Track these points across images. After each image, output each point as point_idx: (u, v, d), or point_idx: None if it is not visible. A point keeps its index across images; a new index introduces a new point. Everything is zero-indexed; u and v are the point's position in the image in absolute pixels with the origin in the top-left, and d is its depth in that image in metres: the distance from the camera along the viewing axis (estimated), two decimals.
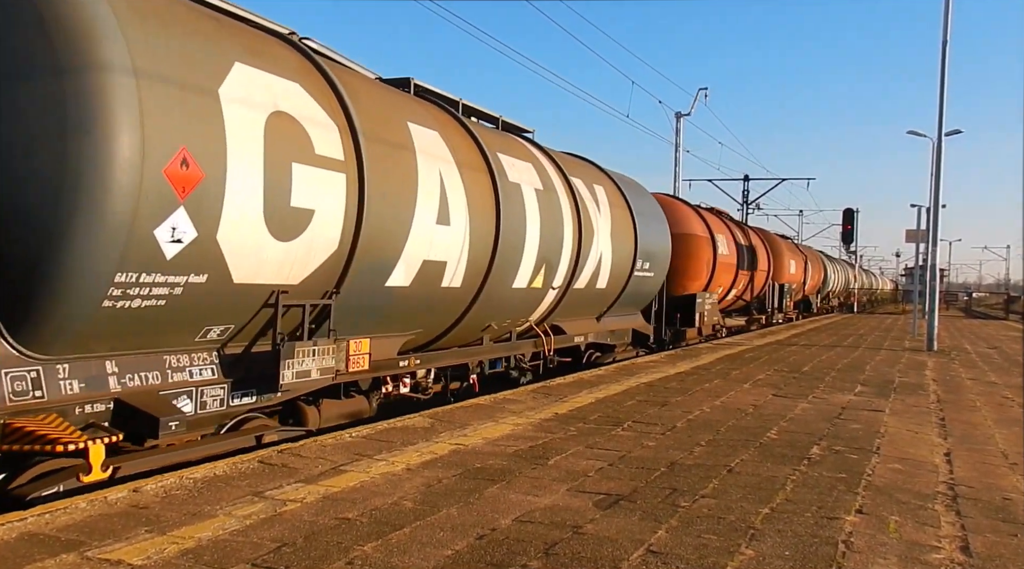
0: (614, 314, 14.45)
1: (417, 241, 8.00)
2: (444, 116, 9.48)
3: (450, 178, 8.65)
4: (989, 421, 9.54)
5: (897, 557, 4.55)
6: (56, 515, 4.65)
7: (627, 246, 13.74)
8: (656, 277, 15.67)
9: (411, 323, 8.68)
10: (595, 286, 12.69)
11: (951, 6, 19.89)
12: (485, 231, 9.24)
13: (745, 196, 45.11)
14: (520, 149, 11.09)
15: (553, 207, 11.02)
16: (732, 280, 22.93)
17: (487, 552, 4.35)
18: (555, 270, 11.13)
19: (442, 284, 8.67)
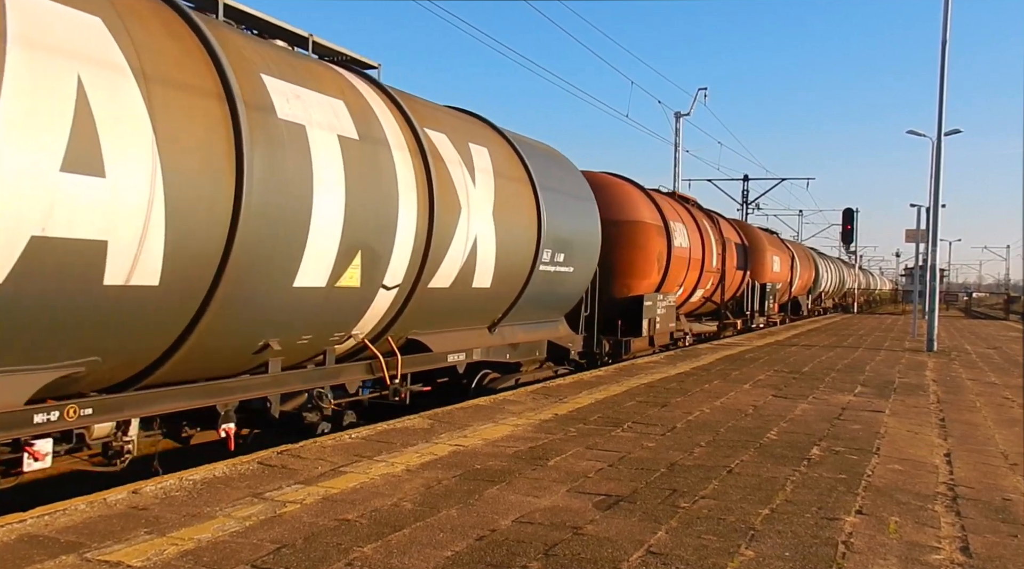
0: (516, 322, 11.08)
1: (19, 201, 4.59)
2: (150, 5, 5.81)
3: (107, 94, 5.05)
4: (989, 421, 9.54)
5: (897, 558, 4.54)
6: (55, 517, 4.64)
7: (525, 231, 10.34)
8: (579, 274, 12.23)
9: (58, 348, 5.19)
10: (471, 285, 9.32)
11: (951, 6, 19.90)
12: (209, 192, 5.72)
13: (745, 196, 45.11)
14: (324, 80, 7.46)
15: (377, 167, 7.49)
16: (697, 278, 19.44)
17: (487, 553, 4.34)
18: (383, 261, 7.68)
19: (106, 280, 5.18)
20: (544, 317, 11.98)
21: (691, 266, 18.62)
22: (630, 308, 15.37)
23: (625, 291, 15.47)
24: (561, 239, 11.33)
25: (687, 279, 18.67)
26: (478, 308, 9.99)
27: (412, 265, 8.19)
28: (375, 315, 8.05)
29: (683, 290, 18.75)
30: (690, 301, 20.13)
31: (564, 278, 11.73)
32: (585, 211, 12.54)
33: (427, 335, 9.12)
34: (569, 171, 12.70)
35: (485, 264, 9.54)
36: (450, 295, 9.09)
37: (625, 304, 15.39)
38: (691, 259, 18.53)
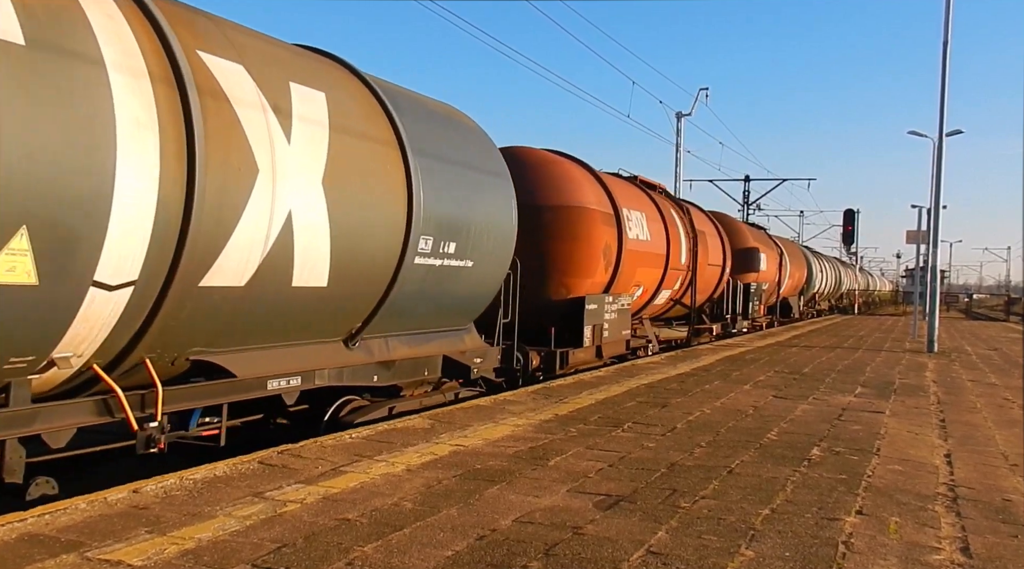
0: (392, 333, 8.39)
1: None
2: None
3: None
4: (989, 422, 9.54)
5: (897, 558, 4.55)
6: (56, 516, 4.65)
7: (386, 211, 7.57)
8: (483, 270, 9.41)
9: None
10: (290, 283, 6.64)
11: (951, 6, 19.90)
12: None
13: (746, 196, 45.13)
14: None
15: (65, 91, 4.89)
16: (661, 277, 16.54)
17: (487, 553, 4.35)
18: (87, 244, 5.06)
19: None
20: (438, 325, 9.20)
21: (652, 263, 15.75)
22: (569, 313, 12.72)
23: (563, 292, 12.74)
24: (451, 224, 8.60)
25: (648, 278, 15.72)
26: (317, 315, 7.18)
27: (158, 252, 5.45)
28: (95, 328, 5.32)
29: (643, 291, 15.83)
30: (654, 304, 17.37)
31: (459, 275, 8.95)
32: (494, 190, 9.64)
33: (225, 354, 6.37)
34: (472, 139, 9.68)
35: (312, 253, 6.78)
36: (250, 297, 6.30)
37: (563, 308, 12.73)
38: (652, 254, 15.70)
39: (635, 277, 15.06)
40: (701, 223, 20.58)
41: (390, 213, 7.69)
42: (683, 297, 19.06)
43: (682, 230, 18.22)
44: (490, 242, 9.47)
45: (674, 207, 18.75)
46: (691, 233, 18.78)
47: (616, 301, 14.04)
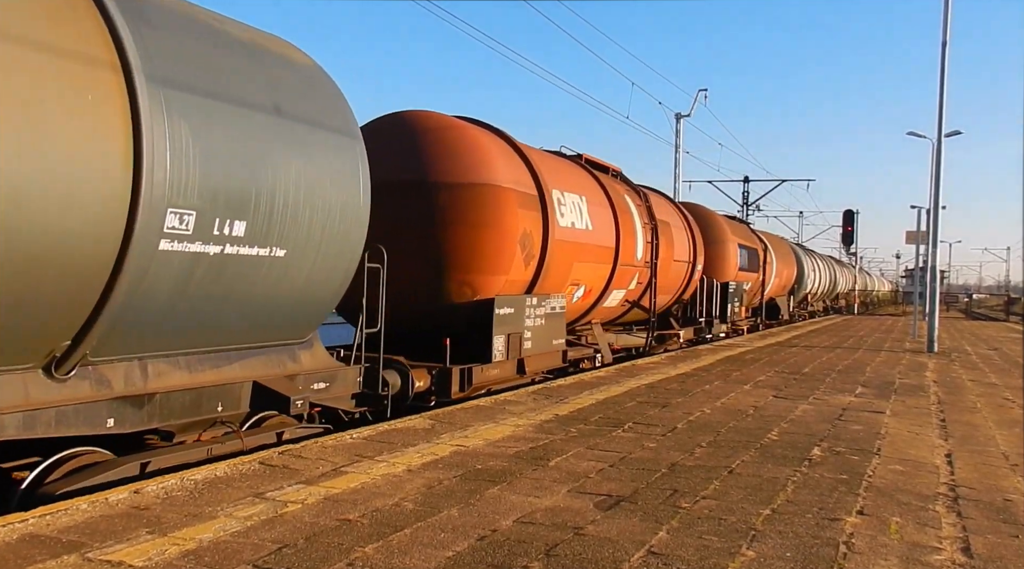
0: (148, 353, 6.01)
1: None
2: None
3: None
4: (990, 422, 9.54)
5: (898, 558, 4.55)
6: (57, 516, 4.65)
7: (81, 166, 4.98)
8: (313, 262, 7.08)
9: None
10: None
11: (951, 6, 19.91)
12: None
13: (745, 197, 45.13)
14: None
15: None
16: (609, 275, 13.84)
17: (488, 553, 4.35)
18: None
19: None
20: (250, 339, 6.85)
21: (595, 256, 12.97)
22: (476, 319, 10.07)
23: (467, 293, 10.04)
24: (236, 195, 6.07)
25: (591, 275, 13.04)
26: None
27: None
28: None
29: (586, 291, 13.14)
30: (604, 306, 14.50)
31: (261, 268, 6.52)
32: (327, 152, 7.11)
33: None
34: (297, 81, 7.04)
35: None
36: None
37: (467, 314, 10.07)
38: (595, 247, 12.95)
39: (570, 274, 12.14)
40: (665, 213, 17.77)
41: (91, 173, 5.03)
42: (642, 298, 16.06)
43: (638, 220, 15.21)
44: (318, 224, 6.94)
45: (629, 193, 15.54)
46: (650, 224, 15.87)
47: (544, 304, 11.28)
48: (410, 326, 9.51)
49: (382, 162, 9.38)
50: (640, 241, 15.27)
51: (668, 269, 17.39)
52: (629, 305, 15.97)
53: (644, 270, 15.74)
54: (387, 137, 10.13)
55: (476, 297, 10.16)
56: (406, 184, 9.48)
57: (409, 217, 9.61)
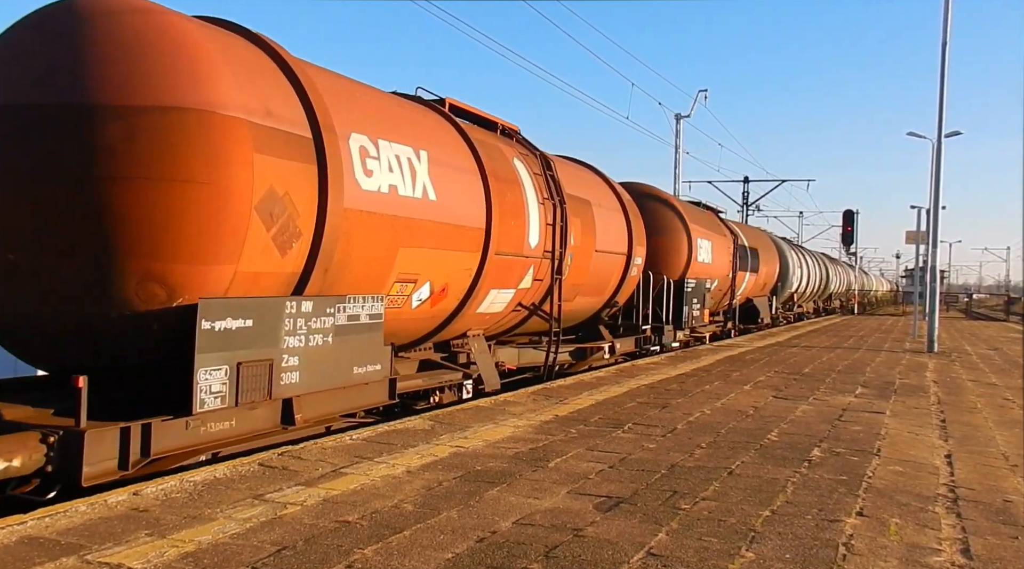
0: None
1: None
2: None
3: None
4: (990, 423, 9.54)
5: (898, 560, 4.54)
6: (56, 518, 4.64)
7: None
8: None
9: None
10: None
11: (951, 6, 19.91)
12: None
13: (745, 197, 45.13)
14: None
15: None
16: (477, 268, 9.67)
17: (487, 555, 4.34)
18: None
19: None
20: None
21: (447, 241, 8.88)
22: (166, 339, 6.02)
23: (156, 295, 5.97)
24: None
25: (440, 268, 8.92)
26: None
27: None
28: None
29: (435, 291, 9.02)
30: (481, 312, 10.27)
31: None
32: None
33: None
34: None
35: None
36: None
37: (153, 330, 6.02)
38: (443, 227, 8.78)
39: (395, 265, 8.08)
40: (584, 188, 13.31)
41: None
42: (543, 302, 11.77)
43: (532, 194, 10.93)
44: None
45: (520, 155, 11.23)
46: (552, 200, 11.45)
47: (331, 311, 7.18)
48: (61, 355, 6.15)
49: (8, 77, 6.02)
50: (536, 223, 10.94)
51: (587, 262, 12.87)
52: (526, 310, 11.45)
53: (543, 263, 11.27)
54: (28, 41, 6.10)
55: (174, 302, 5.96)
56: (37, 110, 5.82)
57: (43, 167, 5.82)
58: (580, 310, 13.73)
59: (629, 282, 15.12)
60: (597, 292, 14.05)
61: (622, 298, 15.26)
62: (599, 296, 14.28)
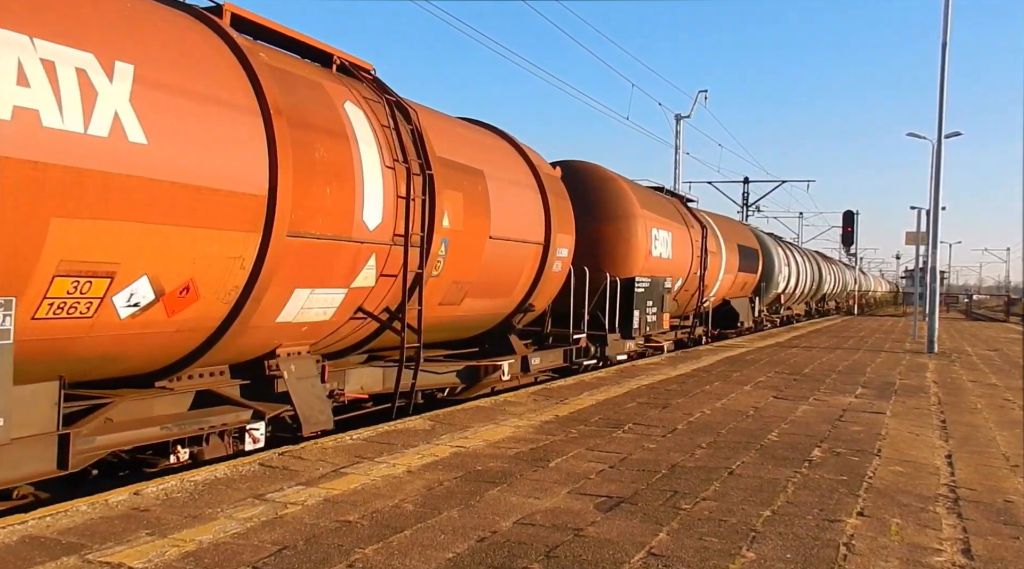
0: None
1: None
2: None
3: None
4: (990, 423, 9.53)
5: (898, 560, 4.54)
6: (57, 518, 4.64)
7: None
8: None
9: None
10: None
11: (951, 8, 19.91)
12: None
13: (745, 198, 45.15)
14: None
15: None
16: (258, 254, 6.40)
17: (488, 555, 4.34)
18: None
19: None
20: None
21: (192, 213, 5.78)
22: None
23: None
24: None
25: (167, 252, 5.69)
26: None
27: None
28: None
29: (169, 292, 5.81)
30: (289, 322, 7.16)
31: None
32: None
33: None
34: None
35: None
36: None
37: None
38: (180, 190, 5.65)
39: (40, 245, 4.92)
40: (466, 152, 9.78)
41: None
42: (380, 311, 8.53)
43: (373, 151, 7.85)
44: None
45: (362, 100, 8.15)
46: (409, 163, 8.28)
47: None
48: None
49: None
50: (377, 194, 7.81)
51: (477, 253, 9.53)
52: (371, 318, 8.28)
53: (394, 251, 8.12)
54: None
55: None
56: None
57: None
58: (473, 316, 10.28)
59: (550, 280, 11.52)
60: (498, 293, 10.50)
61: (541, 300, 11.71)
62: (502, 298, 10.69)
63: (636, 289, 14.48)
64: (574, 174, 13.89)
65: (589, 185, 14.39)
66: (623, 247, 14.47)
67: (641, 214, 14.77)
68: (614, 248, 14.36)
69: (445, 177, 8.83)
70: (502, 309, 11.00)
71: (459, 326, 10.34)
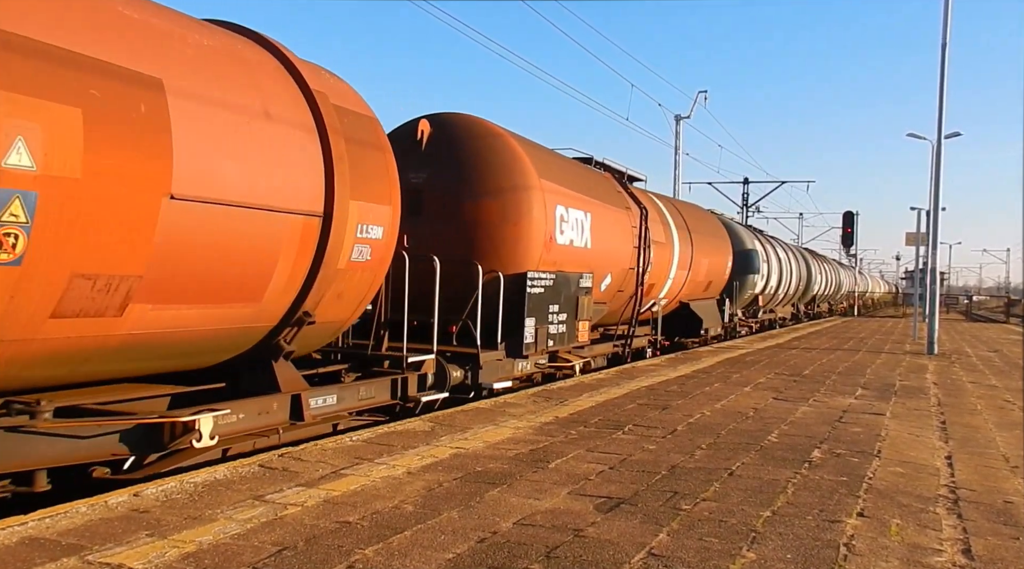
0: None
1: None
2: None
3: None
4: (990, 424, 9.53)
5: (899, 560, 4.54)
6: (57, 519, 4.64)
7: None
8: None
9: None
10: None
11: (951, 7, 19.92)
12: None
13: (745, 199, 45.15)
14: None
15: None
16: None
17: (488, 555, 4.34)
18: None
19: None
20: None
21: None
22: None
23: None
24: None
25: None
26: None
27: None
28: None
29: None
30: None
31: None
32: None
33: None
34: None
35: None
36: None
37: None
38: None
39: None
40: (106, 37, 5.37)
41: None
42: None
43: None
44: None
45: None
46: None
47: None
48: None
49: None
50: None
51: (136, 220, 5.50)
52: None
53: None
54: None
55: None
56: None
57: None
58: (169, 336, 6.20)
59: (345, 276, 7.54)
60: (227, 295, 6.49)
61: (335, 309, 7.68)
62: (239, 305, 6.63)
63: (529, 289, 10.49)
64: (445, 131, 10.68)
65: (464, 146, 10.56)
66: (510, 230, 10.46)
67: (539, 185, 10.78)
68: (497, 232, 10.40)
69: (36, 78, 4.84)
70: (245, 322, 6.83)
71: (134, 354, 6.06)
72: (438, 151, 10.44)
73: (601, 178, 14.55)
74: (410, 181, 10.06)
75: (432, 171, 10.52)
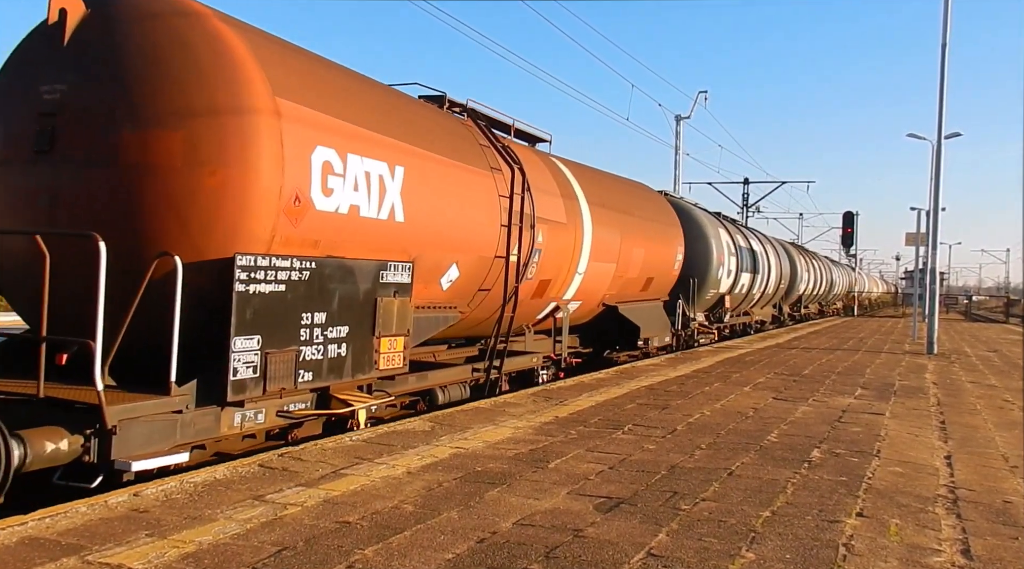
0: None
1: None
2: None
3: None
4: (989, 424, 9.54)
5: (898, 560, 4.55)
6: (56, 519, 4.64)
7: None
8: None
9: None
10: None
11: (951, 7, 19.93)
12: None
13: (745, 199, 45.17)
14: None
15: None
16: None
17: (488, 555, 4.35)
18: None
19: None
20: None
21: None
22: None
23: None
24: None
25: None
26: None
27: None
28: None
29: None
30: None
31: None
32: None
33: None
34: None
35: None
36: None
37: None
38: None
39: None
40: None
41: None
42: None
43: None
44: None
45: None
46: None
47: None
48: None
49: None
50: None
51: None
52: None
53: None
54: None
55: None
56: None
57: None
58: None
59: None
60: None
61: None
62: None
63: (241, 285, 6.05)
64: (103, 14, 6.30)
65: (131, 36, 6.20)
66: (204, 182, 6.07)
67: (273, 107, 6.39)
68: (180, 184, 6.03)
69: None
70: None
71: None
72: (89, 47, 6.21)
73: (446, 122, 9.74)
74: (43, 98, 6.22)
75: (77, 80, 6.17)
